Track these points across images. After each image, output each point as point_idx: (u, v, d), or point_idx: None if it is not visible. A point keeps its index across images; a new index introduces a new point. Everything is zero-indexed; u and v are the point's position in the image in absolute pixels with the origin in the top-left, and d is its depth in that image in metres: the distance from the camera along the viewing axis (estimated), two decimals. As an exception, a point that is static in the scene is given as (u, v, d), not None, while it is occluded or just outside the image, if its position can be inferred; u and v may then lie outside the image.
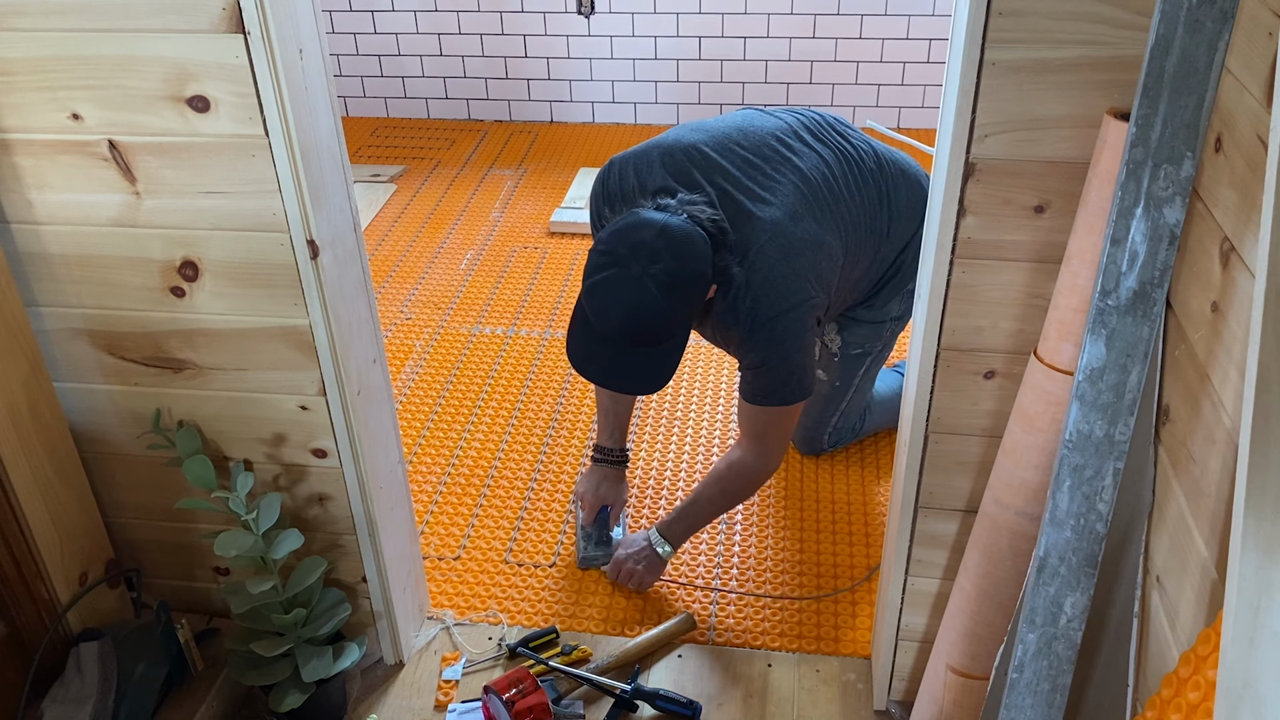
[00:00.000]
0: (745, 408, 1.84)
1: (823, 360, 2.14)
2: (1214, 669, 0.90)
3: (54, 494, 1.53)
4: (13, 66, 1.31)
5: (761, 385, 1.79)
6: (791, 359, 1.75)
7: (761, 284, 1.69)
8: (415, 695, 1.78)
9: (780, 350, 1.74)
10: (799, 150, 1.84)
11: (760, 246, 1.70)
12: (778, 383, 1.78)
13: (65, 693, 1.51)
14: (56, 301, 1.50)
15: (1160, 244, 1.01)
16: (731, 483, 1.92)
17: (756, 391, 1.80)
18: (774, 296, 1.69)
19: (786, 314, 1.70)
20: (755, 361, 1.77)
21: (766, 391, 1.79)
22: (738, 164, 1.78)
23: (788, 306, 1.70)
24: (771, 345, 1.73)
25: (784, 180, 1.78)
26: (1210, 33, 0.93)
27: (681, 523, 1.95)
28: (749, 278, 1.69)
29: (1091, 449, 1.07)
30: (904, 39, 3.82)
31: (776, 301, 1.69)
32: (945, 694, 1.47)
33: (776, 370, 1.76)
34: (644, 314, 1.58)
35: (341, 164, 1.45)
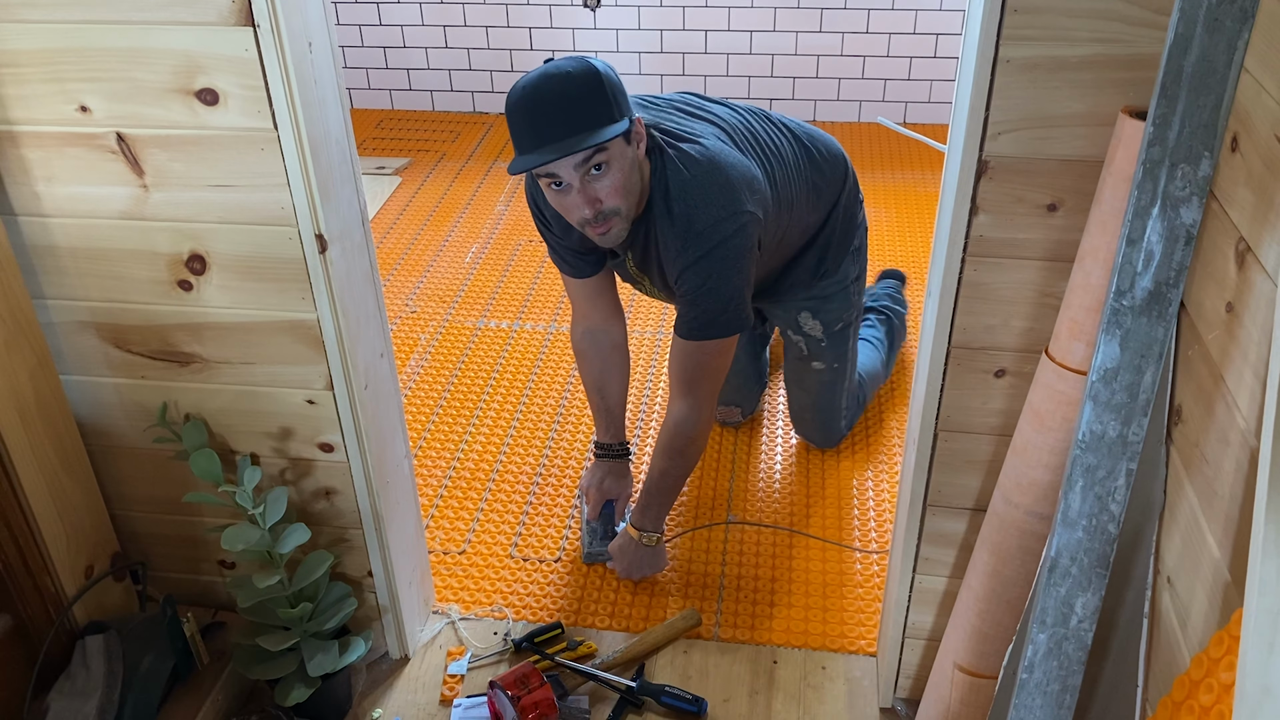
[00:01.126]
0: (682, 349, 1.83)
1: (813, 352, 2.16)
2: (1227, 671, 0.90)
3: (60, 487, 1.53)
4: (21, 58, 1.30)
5: (700, 314, 1.77)
6: (731, 281, 1.74)
7: (694, 188, 1.69)
8: (420, 690, 1.78)
9: (720, 269, 1.72)
10: (716, 108, 1.91)
11: (693, 158, 1.72)
12: (717, 309, 1.76)
13: (71, 686, 1.51)
14: (63, 294, 1.49)
15: (1176, 244, 1.00)
16: (677, 447, 1.89)
17: (695, 323, 1.78)
18: (710, 204, 1.70)
19: (724, 222, 1.70)
20: (695, 284, 1.74)
21: (706, 321, 1.77)
22: (660, 110, 1.83)
23: (724, 215, 1.70)
24: (710, 261, 1.71)
25: (706, 127, 1.82)
26: (1230, 32, 0.92)
27: (652, 507, 1.94)
28: (683, 183, 1.69)
29: (1105, 449, 1.07)
30: (911, 34, 3.80)
31: (713, 208, 1.70)
32: (952, 692, 1.47)
33: (716, 292, 1.74)
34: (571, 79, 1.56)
35: (350, 158, 1.45)
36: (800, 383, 2.23)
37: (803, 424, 2.30)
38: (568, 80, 1.58)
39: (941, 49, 3.82)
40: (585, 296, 2.00)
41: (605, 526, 2.07)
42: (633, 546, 1.95)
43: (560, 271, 1.99)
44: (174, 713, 1.60)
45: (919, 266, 2.97)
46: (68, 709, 1.48)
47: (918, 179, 3.56)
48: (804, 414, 2.27)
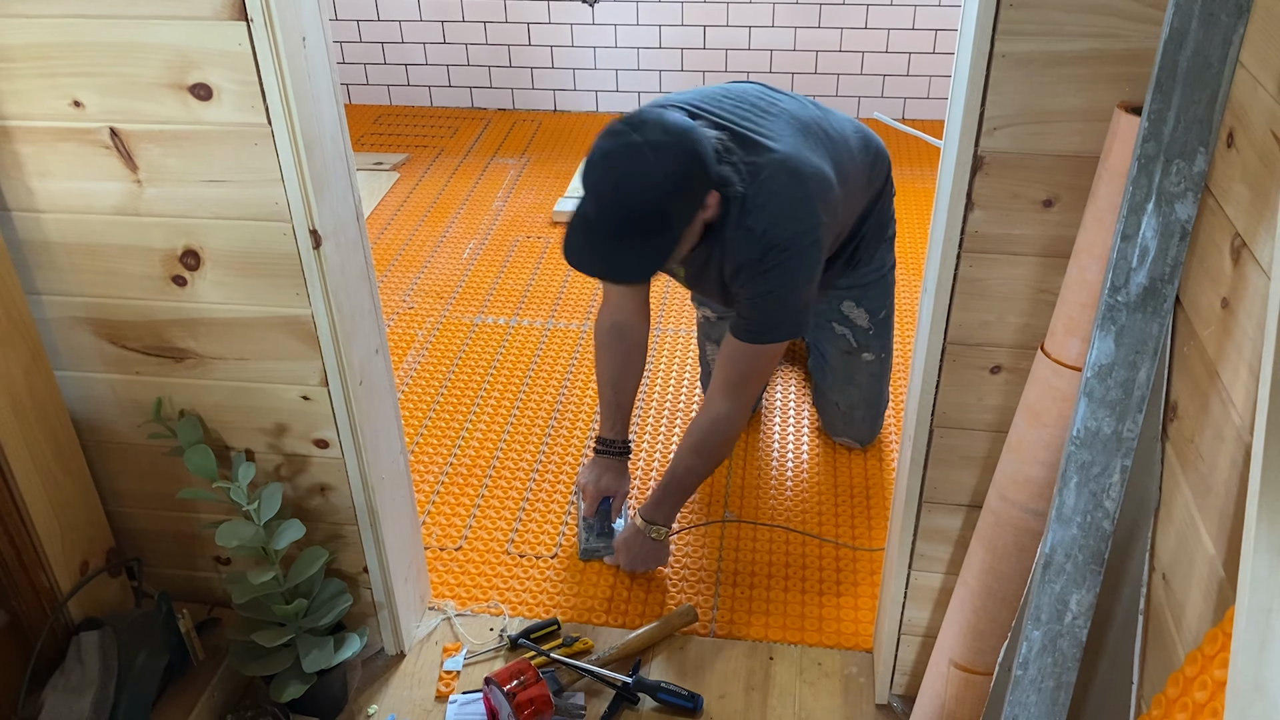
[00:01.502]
0: (736, 350, 1.81)
1: (862, 343, 2.17)
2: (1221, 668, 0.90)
3: (55, 483, 1.53)
4: (14, 53, 1.30)
5: (764, 318, 1.76)
6: (800, 289, 1.74)
7: (774, 202, 1.68)
8: (416, 686, 1.78)
9: (792, 278, 1.72)
10: (782, 99, 1.88)
11: (772, 169, 1.69)
12: (783, 315, 1.76)
13: (66, 681, 1.51)
14: (58, 290, 1.49)
15: (1171, 240, 1.00)
16: (711, 445, 1.88)
17: (757, 327, 1.77)
18: (788, 217, 1.68)
19: (802, 236, 1.69)
20: (763, 289, 1.72)
21: (770, 325, 1.76)
22: (733, 111, 1.79)
23: (803, 229, 1.69)
24: (784, 271, 1.70)
25: (780, 121, 1.80)
26: (1225, 26, 0.92)
27: (667, 501, 1.94)
28: (760, 196, 1.67)
29: (1099, 446, 1.07)
30: (910, 29, 3.80)
31: (791, 222, 1.69)
32: (948, 689, 1.47)
33: (784, 300, 1.74)
34: (640, 182, 1.55)
35: (344, 153, 1.44)
36: (851, 379, 2.22)
37: (851, 423, 2.27)
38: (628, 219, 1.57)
39: (940, 44, 3.81)
40: (621, 292, 2.00)
41: (602, 523, 2.07)
42: (639, 540, 1.95)
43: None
44: (169, 708, 1.60)
45: (915, 262, 2.97)
46: (63, 705, 1.48)
47: (914, 175, 3.55)
48: (854, 411, 2.25)
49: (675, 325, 2.79)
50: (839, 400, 2.27)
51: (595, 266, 1.69)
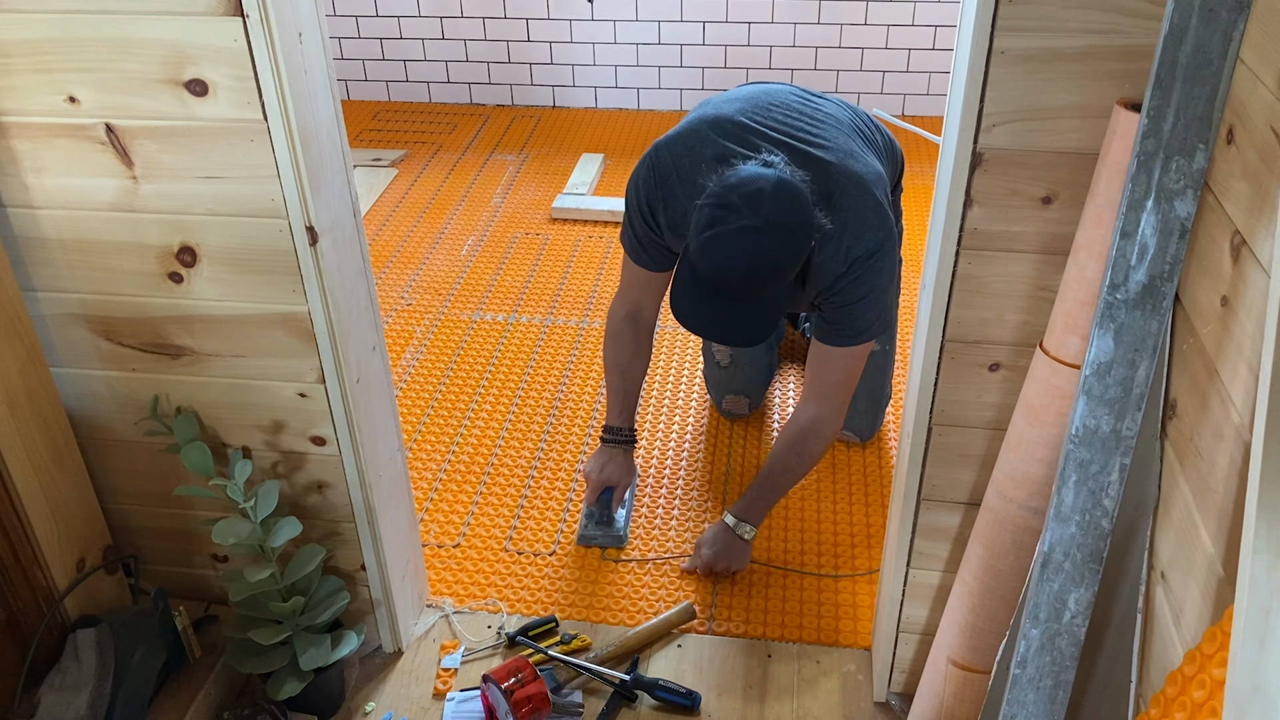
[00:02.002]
0: (825, 355, 1.84)
1: None
2: (1220, 667, 0.89)
3: (51, 480, 1.53)
4: (9, 48, 1.29)
5: (854, 322, 1.79)
6: (886, 291, 1.80)
7: (854, 222, 1.71)
8: (414, 683, 1.78)
9: (878, 283, 1.76)
10: (819, 101, 1.91)
11: (841, 188, 1.72)
12: (872, 317, 1.80)
13: (62, 679, 1.51)
14: (53, 286, 1.48)
15: (1171, 237, 0.99)
16: (808, 445, 1.91)
17: (849, 331, 1.80)
18: (867, 230, 1.72)
19: (884, 243, 1.73)
20: (852, 298, 1.76)
21: (860, 329, 1.80)
22: (783, 120, 1.80)
23: (882, 236, 1.73)
24: (870, 278, 1.74)
25: (828, 125, 1.82)
26: (1225, 22, 0.92)
27: (761, 500, 1.95)
28: (841, 219, 1.71)
29: (1098, 444, 1.06)
30: (909, 25, 3.79)
31: (871, 235, 1.72)
32: (946, 687, 1.47)
33: (874, 303, 1.78)
34: (763, 264, 1.60)
35: (341, 149, 1.44)
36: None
37: (854, 414, 2.26)
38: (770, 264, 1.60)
39: (940, 41, 3.81)
40: (643, 284, 2.00)
41: (603, 512, 2.07)
42: (726, 536, 1.95)
43: (628, 255, 1.97)
44: (166, 706, 1.59)
45: (914, 259, 2.96)
46: (59, 702, 1.48)
47: (913, 171, 3.54)
48: (857, 402, 2.25)
49: (675, 323, 2.78)
50: None
51: (717, 331, 1.77)
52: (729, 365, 2.34)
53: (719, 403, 2.39)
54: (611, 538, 2.05)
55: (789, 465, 1.93)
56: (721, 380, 2.36)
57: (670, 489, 2.21)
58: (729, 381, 2.35)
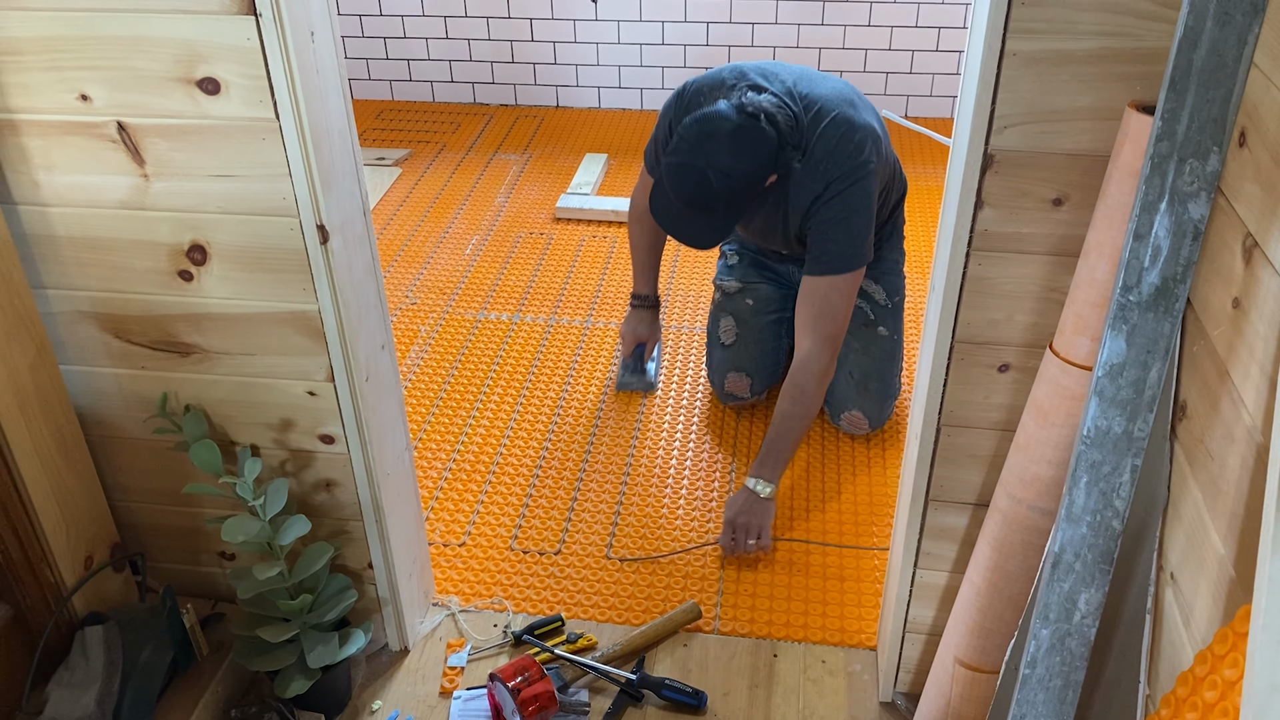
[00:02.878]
0: (810, 288, 2.02)
1: (878, 317, 2.30)
2: (1231, 668, 0.90)
3: (60, 477, 1.53)
4: (21, 46, 1.29)
5: (830, 247, 1.98)
6: (861, 216, 1.97)
7: (835, 149, 1.94)
8: (420, 682, 1.78)
9: (852, 205, 1.96)
10: (831, 79, 2.09)
11: (829, 120, 1.94)
12: (848, 243, 1.97)
13: (70, 676, 1.51)
14: (63, 284, 1.49)
15: (1184, 239, 1.00)
16: (801, 384, 2.03)
17: (827, 258, 1.99)
18: (844, 155, 1.94)
19: (857, 169, 1.94)
20: (826, 218, 1.97)
21: (836, 255, 1.98)
22: (791, 77, 2.02)
23: (857, 163, 1.94)
24: (844, 200, 1.95)
25: (832, 86, 2.03)
26: (1240, 25, 0.92)
27: (771, 454, 2.05)
28: (824, 145, 1.93)
29: (1110, 445, 1.06)
30: (914, 27, 3.79)
31: (846, 159, 1.94)
32: (953, 687, 1.47)
33: (847, 226, 1.96)
34: (702, 199, 1.89)
35: (352, 148, 1.44)
36: (866, 349, 2.30)
37: (864, 394, 2.29)
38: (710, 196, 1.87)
39: (944, 42, 3.81)
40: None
41: (636, 363, 2.51)
42: (744, 496, 2.03)
43: (647, 167, 2.29)
44: (173, 704, 1.60)
45: (923, 261, 2.97)
46: (67, 699, 1.48)
47: (921, 173, 3.55)
48: (868, 382, 2.28)
49: (682, 321, 2.79)
50: (853, 369, 2.30)
51: (674, 231, 2.01)
52: (733, 344, 2.36)
53: (720, 387, 2.39)
54: (645, 384, 2.51)
55: (787, 410, 2.04)
56: (725, 360, 2.38)
57: (675, 491, 2.22)
58: (731, 359, 2.37)
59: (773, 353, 2.38)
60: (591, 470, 2.26)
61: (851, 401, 2.30)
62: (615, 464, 2.28)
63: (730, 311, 2.38)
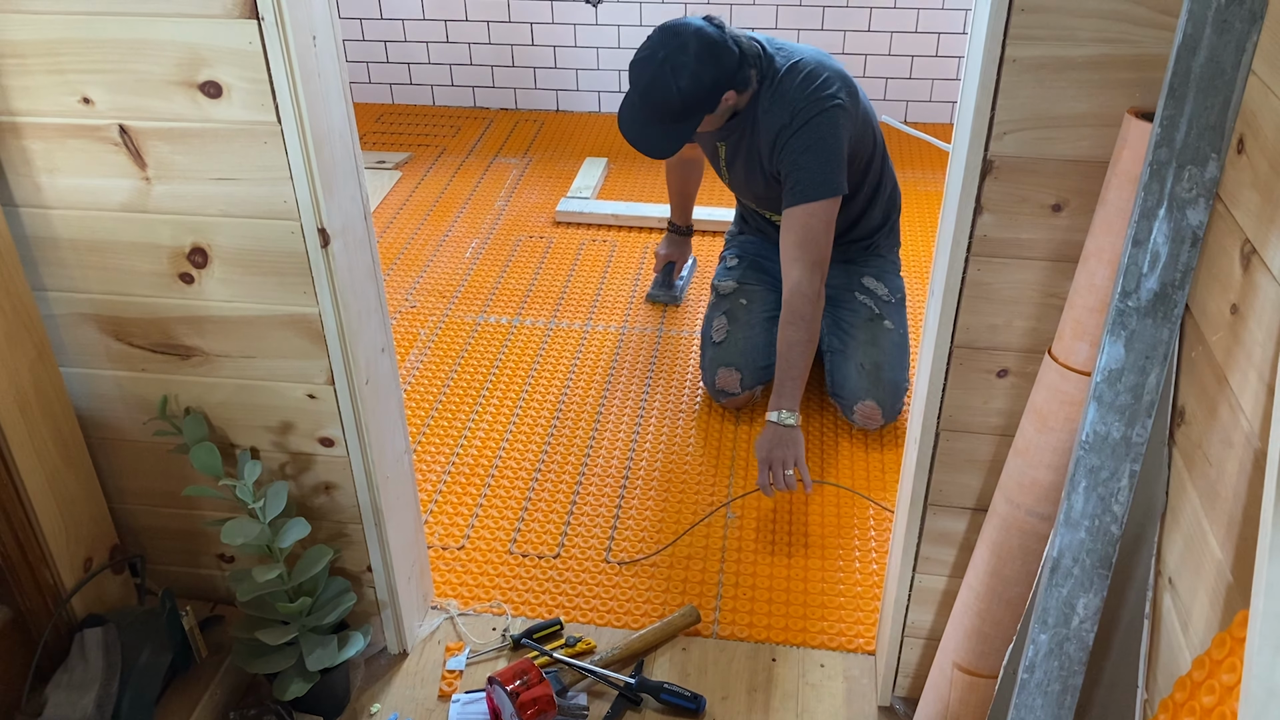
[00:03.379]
0: (789, 219, 2.09)
1: (883, 311, 2.36)
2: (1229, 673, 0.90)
3: (60, 479, 1.53)
4: (24, 49, 1.30)
5: (803, 176, 2.06)
6: (829, 143, 2.06)
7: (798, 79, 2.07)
8: (419, 685, 1.78)
9: (820, 134, 2.05)
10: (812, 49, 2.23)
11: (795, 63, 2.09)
12: (820, 169, 2.05)
13: (69, 678, 1.51)
14: (64, 286, 1.49)
15: (1183, 246, 1.00)
16: (796, 310, 2.08)
17: (801, 186, 2.07)
18: (811, 87, 2.06)
19: (824, 100, 2.05)
20: (797, 147, 2.06)
21: (810, 183, 2.06)
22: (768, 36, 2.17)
23: (825, 95, 2.06)
24: (813, 128, 2.05)
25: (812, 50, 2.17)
26: (1239, 33, 0.92)
27: (785, 384, 2.10)
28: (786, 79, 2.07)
29: (1108, 451, 1.07)
30: (913, 32, 3.80)
31: (814, 90, 2.06)
32: (951, 691, 1.47)
33: (817, 152, 2.05)
34: (660, 96, 2.00)
35: (353, 152, 1.44)
36: (875, 341, 2.32)
37: (877, 383, 2.29)
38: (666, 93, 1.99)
39: (943, 48, 3.82)
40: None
41: (665, 277, 2.84)
42: (770, 430, 2.08)
43: None
44: (172, 706, 1.60)
45: (922, 266, 2.97)
46: (66, 701, 1.48)
47: (920, 178, 3.56)
48: (879, 373, 2.28)
49: (679, 327, 2.79)
50: (863, 360, 2.30)
51: (634, 141, 2.11)
52: (723, 340, 2.37)
53: (712, 384, 2.39)
54: (671, 297, 2.83)
55: (789, 337, 2.09)
56: (715, 356, 2.39)
57: (672, 493, 2.22)
58: (721, 355, 2.37)
59: (763, 348, 2.37)
60: (590, 474, 2.27)
61: (864, 392, 2.30)
62: (614, 468, 2.28)
63: (724, 311, 2.42)
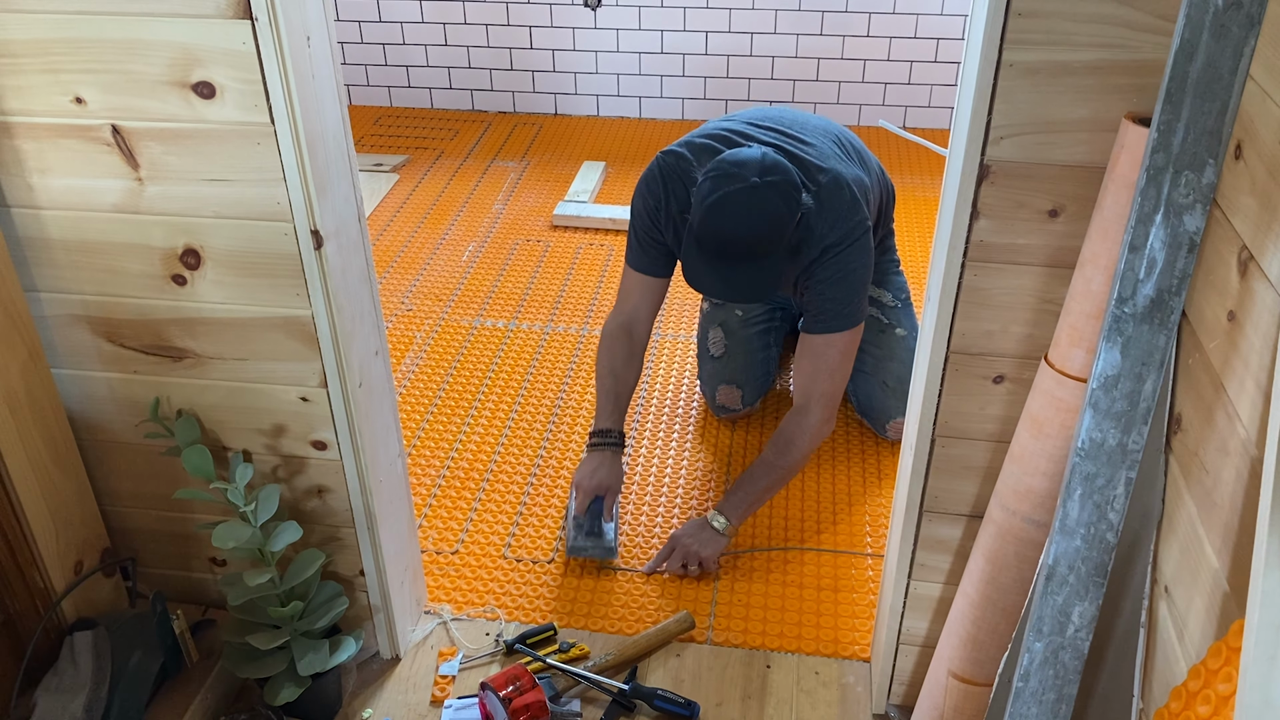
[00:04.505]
0: (807, 346, 1.98)
1: (893, 319, 2.31)
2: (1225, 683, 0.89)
3: (50, 481, 1.52)
4: (16, 48, 1.29)
5: (831, 307, 1.93)
6: (859, 275, 1.93)
7: (828, 212, 1.88)
8: (411, 690, 1.77)
9: (849, 266, 1.91)
10: (812, 119, 2.09)
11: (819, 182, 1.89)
12: (845, 301, 1.92)
13: (59, 682, 1.50)
14: (56, 287, 1.48)
15: (1179, 252, 1.00)
16: (790, 440, 1.98)
17: (825, 316, 1.94)
18: (840, 220, 1.89)
19: (853, 230, 1.90)
20: (824, 277, 1.91)
21: (837, 314, 1.93)
22: (775, 130, 2.00)
23: (853, 225, 1.90)
24: (841, 261, 1.90)
25: (820, 145, 1.99)
26: (1236, 38, 0.92)
27: (739, 493, 2.00)
28: (817, 208, 1.88)
29: (1104, 458, 1.06)
30: (912, 38, 3.80)
31: (843, 222, 1.89)
32: (946, 700, 1.46)
33: (846, 284, 1.92)
34: (763, 216, 1.77)
35: (347, 153, 1.44)
36: (892, 354, 2.30)
37: (899, 397, 2.27)
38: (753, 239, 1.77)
39: (942, 53, 3.82)
40: (641, 291, 2.09)
41: (593, 522, 2.03)
42: (700, 524, 2.01)
43: (629, 264, 2.08)
44: (162, 710, 1.59)
45: (918, 271, 2.97)
46: (55, 705, 1.47)
47: (917, 183, 3.55)
48: (902, 385, 2.26)
49: (675, 329, 2.78)
50: (885, 379, 2.29)
51: (722, 291, 1.92)
52: (722, 355, 2.36)
53: (712, 398, 2.38)
54: (603, 549, 2.00)
55: (770, 460, 2.00)
56: (715, 372, 2.37)
57: (669, 500, 2.21)
58: (721, 372, 2.36)
59: (762, 363, 2.37)
60: (586, 478, 2.25)
61: (894, 409, 2.30)
62: (610, 472, 2.27)
63: (719, 322, 2.38)
